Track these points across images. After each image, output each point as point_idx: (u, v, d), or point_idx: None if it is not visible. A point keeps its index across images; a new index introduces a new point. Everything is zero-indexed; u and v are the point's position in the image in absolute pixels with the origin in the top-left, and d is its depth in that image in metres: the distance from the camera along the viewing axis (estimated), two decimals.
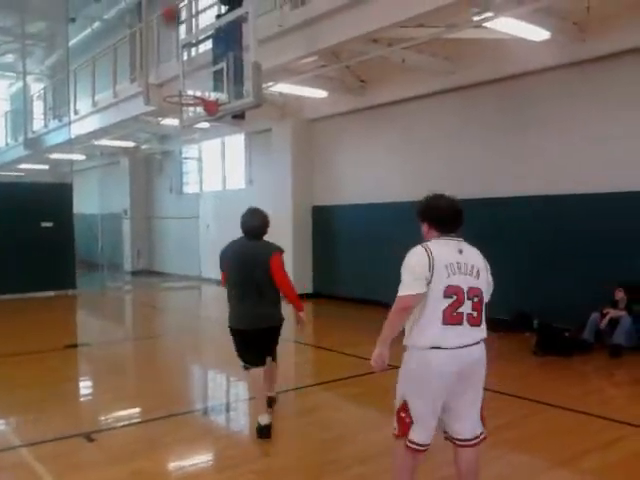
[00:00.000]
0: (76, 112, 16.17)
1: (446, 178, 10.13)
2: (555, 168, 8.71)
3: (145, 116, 13.45)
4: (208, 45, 9.35)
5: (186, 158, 18.13)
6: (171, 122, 13.58)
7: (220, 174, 16.53)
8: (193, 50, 9.99)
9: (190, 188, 18.09)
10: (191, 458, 4.63)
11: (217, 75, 7.63)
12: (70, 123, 15.87)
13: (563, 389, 6.08)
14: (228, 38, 7.61)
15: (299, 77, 10.29)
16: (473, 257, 3.23)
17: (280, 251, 5.12)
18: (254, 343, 4.97)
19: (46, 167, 22.49)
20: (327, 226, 12.65)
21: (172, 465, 4.51)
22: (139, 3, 16.99)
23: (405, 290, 3.22)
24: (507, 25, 7.58)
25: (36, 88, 24.51)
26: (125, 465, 4.31)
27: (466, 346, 3.12)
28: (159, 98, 11.10)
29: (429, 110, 10.57)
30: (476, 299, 3.14)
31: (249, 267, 4.88)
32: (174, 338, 9.74)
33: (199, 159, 17.55)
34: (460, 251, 3.19)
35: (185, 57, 9.16)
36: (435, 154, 10.47)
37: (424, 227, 3.34)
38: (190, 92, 7.91)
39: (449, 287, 3.08)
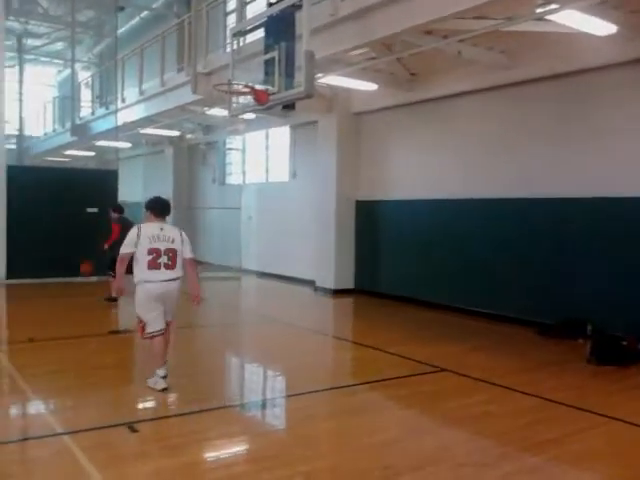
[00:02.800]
0: (123, 100, 16.29)
1: (499, 176, 9.85)
2: (620, 169, 8.28)
3: (191, 105, 13.46)
4: (257, 34, 9.25)
5: (230, 149, 18.12)
6: (217, 112, 13.58)
7: (263, 166, 16.45)
8: (242, 39, 9.88)
9: (233, 179, 18.08)
10: (234, 456, 4.53)
11: (268, 64, 7.48)
12: (117, 111, 16.01)
13: (623, 402, 5.77)
14: (280, 27, 7.45)
15: (348, 69, 10.09)
16: (170, 232, 5.81)
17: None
18: None
19: (92, 154, 22.82)
20: (371, 221, 12.44)
21: (214, 462, 4.40)
22: None
23: (122, 250, 5.70)
24: (571, 18, 7.22)
25: (83, 76, 24.91)
26: (168, 459, 4.23)
27: (164, 280, 5.70)
28: (207, 87, 11.07)
29: (483, 105, 10.24)
30: (171, 254, 5.70)
31: None
32: (214, 329, 9.69)
33: (243, 150, 17.51)
34: (161, 229, 5.75)
35: (235, 46, 9.03)
36: (487, 150, 10.15)
37: (147, 214, 5.90)
38: (242, 81, 7.78)
39: (151, 249, 5.61)
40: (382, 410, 5.60)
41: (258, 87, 7.44)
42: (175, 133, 18.15)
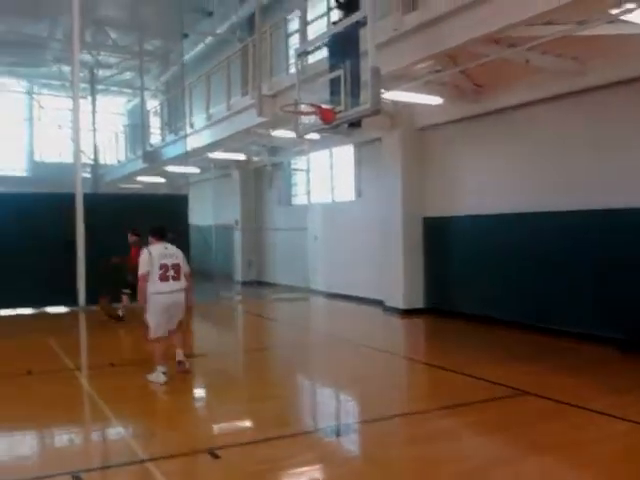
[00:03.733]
0: (191, 126, 16.71)
1: (575, 186, 9.45)
2: None
3: (257, 128, 13.62)
4: (319, 54, 9.28)
5: (295, 170, 18.24)
6: (282, 134, 13.68)
7: (328, 185, 16.46)
8: (305, 59, 9.94)
9: (299, 200, 18.18)
10: None
11: (333, 83, 7.46)
12: (186, 136, 16.42)
13: None
14: (344, 44, 7.43)
15: (411, 84, 9.97)
16: (173, 249, 7.18)
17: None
18: None
19: (163, 180, 23.51)
20: (440, 238, 12.17)
21: None
22: (250, 17, 17.42)
23: (141, 270, 6.96)
24: None
25: (152, 103, 25.77)
26: None
27: (173, 292, 7.00)
28: (272, 109, 11.20)
29: (555, 114, 9.87)
30: (176, 268, 7.05)
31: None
32: (285, 351, 9.68)
33: (307, 170, 17.58)
34: (165, 247, 7.14)
35: (299, 66, 9.07)
36: (561, 160, 9.76)
37: (151, 239, 7.25)
38: (307, 101, 7.80)
39: (161, 264, 6.94)
40: (463, 437, 5.37)
41: (324, 106, 7.42)
42: (241, 156, 18.46)
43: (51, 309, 13.47)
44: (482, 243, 11.15)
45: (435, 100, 10.79)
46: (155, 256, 6.95)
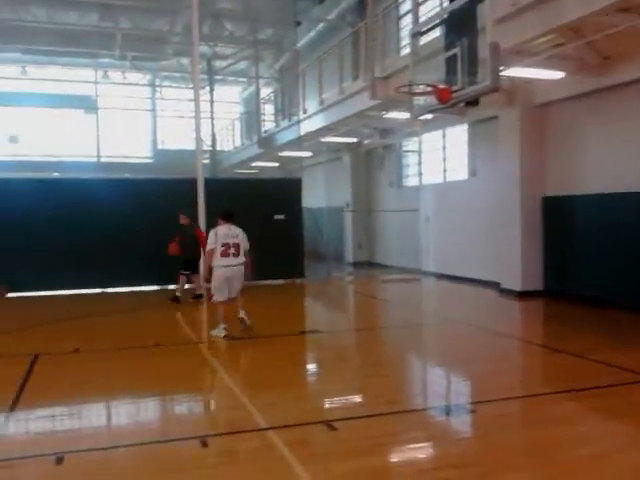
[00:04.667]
0: (304, 111, 17.03)
1: None
2: None
3: (369, 111, 13.66)
4: (432, 34, 9.15)
5: (406, 151, 18.12)
6: (394, 116, 13.63)
7: (441, 166, 16.22)
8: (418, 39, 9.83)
9: (410, 181, 18.06)
10: (432, 460, 4.49)
11: (449, 62, 7.35)
12: (299, 122, 16.76)
13: None
14: (461, 22, 7.29)
15: (532, 59, 9.57)
16: (235, 230, 8.38)
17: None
18: None
19: (276, 164, 24.15)
20: (560, 218, 11.64)
21: (410, 467, 4.38)
22: (360, 0, 17.40)
23: (209, 246, 8.29)
24: None
25: (266, 91, 26.47)
26: (364, 460, 4.29)
27: (232, 265, 8.28)
28: (384, 91, 11.18)
29: None
30: (236, 246, 8.29)
31: None
32: (397, 331, 9.70)
33: (419, 151, 17.41)
34: (229, 229, 8.35)
35: (412, 47, 9.00)
36: None
37: (219, 220, 8.48)
38: (421, 82, 7.73)
39: (224, 243, 8.22)
40: (586, 421, 5.19)
41: (440, 86, 7.33)
42: (353, 139, 18.58)
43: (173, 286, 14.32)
44: (606, 223, 10.54)
45: (556, 75, 10.31)
46: (220, 235, 8.26)
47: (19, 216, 12.97)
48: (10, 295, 12.97)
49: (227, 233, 8.33)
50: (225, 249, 8.24)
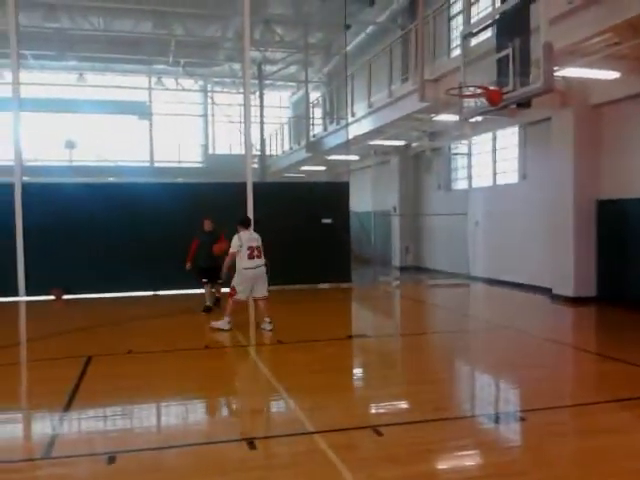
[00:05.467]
0: (353, 114, 17.03)
1: None
2: None
3: (418, 114, 13.55)
4: (483, 35, 9.02)
5: (455, 154, 17.90)
6: (444, 118, 13.48)
7: (490, 169, 15.94)
8: (466, 41, 9.70)
9: (459, 184, 17.82)
10: (478, 470, 4.40)
11: (501, 63, 7.23)
12: (347, 125, 16.76)
13: None
14: (513, 22, 7.15)
15: (586, 59, 9.31)
16: (255, 235, 9.26)
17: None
18: None
19: (324, 168, 24.22)
20: (615, 222, 11.28)
21: (457, 475, 4.31)
22: (411, 3, 17.31)
23: (232, 249, 9.07)
24: None
25: (314, 95, 26.61)
26: (410, 466, 4.25)
27: (257, 267, 9.09)
28: (434, 93, 11.08)
29: None
30: (258, 249, 9.14)
31: None
32: (445, 336, 9.57)
33: (469, 154, 17.17)
34: (251, 234, 9.23)
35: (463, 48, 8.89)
36: None
37: (240, 227, 9.19)
38: (471, 84, 7.62)
39: (249, 247, 9.04)
40: (631, 432, 4.99)
41: (491, 88, 7.21)
42: (401, 142, 18.47)
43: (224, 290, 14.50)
44: None
45: (612, 75, 10.01)
46: (244, 239, 9.04)
47: (74, 220, 13.41)
48: (66, 297, 13.39)
49: (250, 237, 9.16)
50: (250, 252, 9.04)
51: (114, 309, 12.21)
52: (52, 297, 13.29)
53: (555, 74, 9.47)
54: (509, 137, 14.99)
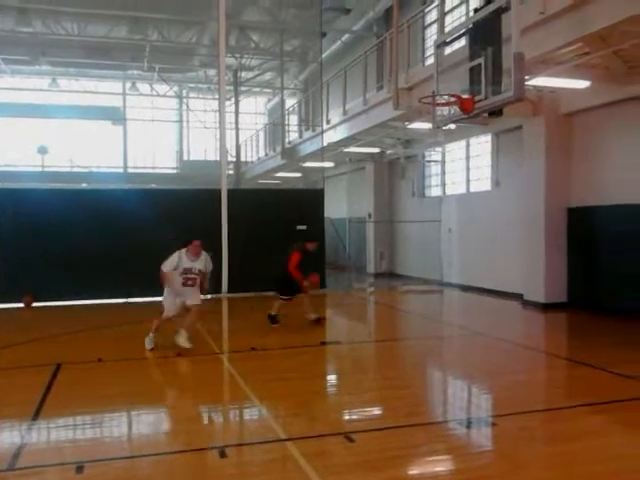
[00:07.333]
0: (328, 122, 17.08)
1: None
2: None
3: (392, 121, 13.65)
4: (456, 44, 9.12)
5: (429, 161, 18.05)
6: (417, 126, 13.59)
7: (464, 176, 16.11)
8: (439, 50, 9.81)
9: (433, 191, 17.97)
10: (450, 475, 4.41)
11: (473, 72, 7.31)
12: (322, 132, 16.81)
13: None
14: (485, 32, 7.25)
15: (557, 68, 9.48)
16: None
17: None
18: None
19: (299, 175, 24.22)
20: (586, 229, 11.47)
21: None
22: (387, 11, 17.46)
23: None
24: None
25: (290, 102, 26.64)
26: (382, 472, 4.23)
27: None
28: (408, 102, 11.16)
29: None
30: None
31: None
32: (418, 342, 9.60)
33: (442, 162, 17.34)
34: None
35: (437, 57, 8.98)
36: None
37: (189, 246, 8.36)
38: (444, 92, 7.70)
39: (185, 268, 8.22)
40: (609, 435, 5.07)
41: (464, 96, 7.28)
42: (376, 150, 18.57)
43: None
44: (630, 234, 10.38)
45: (582, 84, 10.20)
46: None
47: (45, 226, 13.15)
48: (35, 305, 13.14)
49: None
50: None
51: (85, 316, 12.02)
52: (21, 304, 13.04)
53: (526, 83, 9.62)
54: (482, 145, 15.17)
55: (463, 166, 16.15)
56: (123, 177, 28.28)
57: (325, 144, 16.87)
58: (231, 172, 24.22)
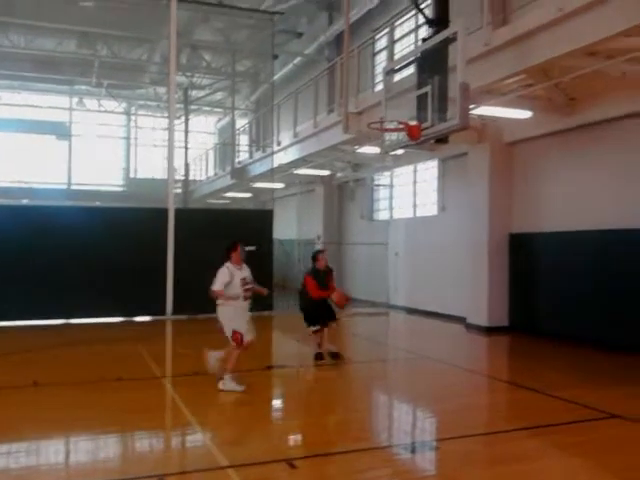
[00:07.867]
0: (278, 143, 17.11)
1: None
2: None
3: (342, 145, 13.78)
4: (406, 71, 9.30)
5: (378, 185, 18.27)
6: (367, 150, 13.76)
7: (411, 201, 16.37)
8: (391, 77, 9.99)
9: (381, 215, 18.17)
10: None
11: (420, 99, 7.46)
12: (273, 153, 16.82)
13: None
14: (432, 61, 7.42)
15: (502, 98, 9.78)
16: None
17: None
18: None
19: (249, 195, 24.11)
20: (526, 255, 11.79)
21: None
22: (338, 36, 17.72)
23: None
24: None
25: (241, 122, 26.60)
26: None
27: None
28: (358, 126, 11.30)
29: None
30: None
31: None
32: (364, 366, 9.60)
33: (390, 186, 17.58)
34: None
35: (386, 84, 9.14)
36: None
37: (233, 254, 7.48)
38: (393, 118, 7.82)
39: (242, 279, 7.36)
40: (546, 459, 5.12)
41: (411, 123, 7.41)
42: (326, 172, 18.69)
43: (139, 318, 14.02)
44: (567, 260, 10.73)
45: (525, 114, 10.55)
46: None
47: None
48: None
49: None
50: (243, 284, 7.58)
51: (22, 338, 11.53)
52: None
53: (471, 112, 9.89)
54: (429, 170, 15.46)
55: (410, 190, 16.42)
56: (66, 194, 27.49)
57: (275, 165, 16.89)
58: (179, 191, 23.94)
